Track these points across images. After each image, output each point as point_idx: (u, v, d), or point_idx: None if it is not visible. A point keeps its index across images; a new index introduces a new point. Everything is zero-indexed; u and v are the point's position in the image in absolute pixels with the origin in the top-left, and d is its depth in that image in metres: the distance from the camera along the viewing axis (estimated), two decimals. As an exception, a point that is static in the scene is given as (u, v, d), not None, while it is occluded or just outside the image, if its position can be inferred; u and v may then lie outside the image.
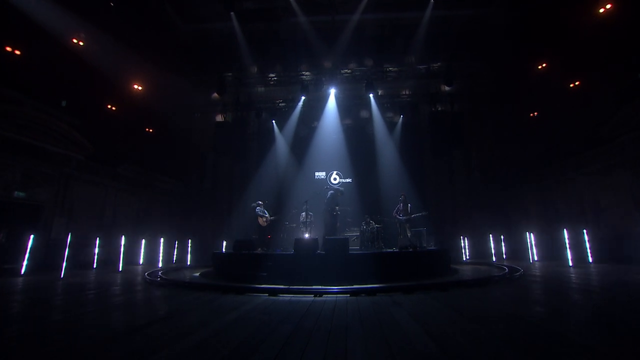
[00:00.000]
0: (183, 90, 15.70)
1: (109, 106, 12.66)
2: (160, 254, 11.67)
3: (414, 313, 3.46)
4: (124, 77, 12.84)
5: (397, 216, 9.72)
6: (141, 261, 12.00)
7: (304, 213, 11.44)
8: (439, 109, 13.53)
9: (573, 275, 6.82)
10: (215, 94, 16.04)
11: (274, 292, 4.97)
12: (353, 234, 11.32)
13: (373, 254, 7.33)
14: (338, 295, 4.77)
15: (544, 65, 11.66)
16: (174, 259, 13.32)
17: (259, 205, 10.29)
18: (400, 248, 8.56)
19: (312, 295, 4.80)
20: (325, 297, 4.73)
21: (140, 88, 13.35)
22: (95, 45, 11.29)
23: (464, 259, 12.56)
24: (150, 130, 14.95)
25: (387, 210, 12.33)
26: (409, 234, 9.70)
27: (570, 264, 8.80)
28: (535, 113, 12.72)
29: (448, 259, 8.47)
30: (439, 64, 14.00)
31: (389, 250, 9.91)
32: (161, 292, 5.41)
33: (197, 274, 8.58)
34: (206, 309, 3.82)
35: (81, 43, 10.40)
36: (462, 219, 14.56)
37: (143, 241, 12.42)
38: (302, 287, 5.81)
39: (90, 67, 11.05)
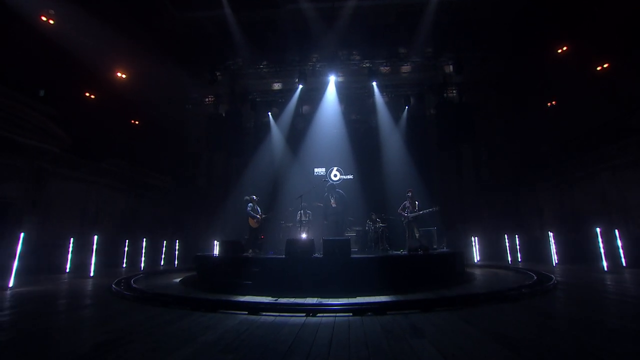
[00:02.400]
0: (174, 81, 14.69)
1: (90, 95, 11.66)
2: (143, 256, 10.66)
3: (444, 348, 2.43)
4: (107, 63, 11.83)
5: (403, 214, 8.68)
6: (124, 264, 11.03)
7: (300, 211, 10.42)
8: (447, 99, 12.48)
9: (619, 284, 5.75)
10: (211, 91, 15.07)
11: (255, 309, 3.95)
12: (352, 234, 10.28)
13: (379, 259, 6.30)
14: (337, 315, 3.74)
15: (564, 48, 10.55)
16: (162, 260, 12.34)
17: (251, 201, 9.29)
18: (409, 250, 7.54)
19: (304, 314, 3.77)
20: (321, 316, 3.70)
21: (124, 76, 12.33)
22: (74, 28, 10.29)
23: (475, 260, 11.51)
24: (137, 123, 13.97)
25: (392, 208, 11.29)
26: (416, 234, 8.65)
27: (605, 268, 7.69)
28: (553, 102, 11.59)
29: (463, 262, 7.44)
30: (447, 51, 12.91)
31: (396, 252, 8.88)
32: (117, 307, 4.40)
33: (178, 280, 7.58)
34: (154, 338, 2.80)
35: (51, 22, 9.37)
36: (471, 217, 13.49)
37: (127, 242, 11.46)
38: (292, 300, 4.80)
39: (68, 51, 10.04)
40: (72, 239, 8.94)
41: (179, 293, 5.44)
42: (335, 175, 14.47)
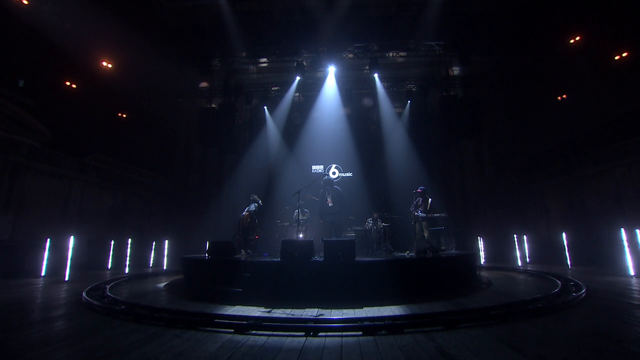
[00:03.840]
0: (164, 72, 13.91)
1: (72, 85, 10.87)
2: (128, 258, 9.91)
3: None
4: (91, 51, 11.03)
5: (416, 212, 8.02)
6: (109, 266, 10.27)
7: (297, 210, 9.72)
8: (451, 93, 11.84)
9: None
10: (204, 83, 14.33)
11: (241, 328, 3.25)
12: (351, 234, 9.60)
13: (388, 263, 5.64)
14: (344, 334, 3.05)
15: (577, 39, 9.94)
16: (150, 262, 11.57)
17: (255, 202, 8.69)
18: (417, 252, 6.86)
19: (303, 333, 3.08)
20: (323, 335, 3.01)
21: (110, 66, 11.54)
22: (52, 11, 9.50)
23: (481, 262, 10.87)
24: (125, 116, 13.19)
25: (396, 206, 10.63)
26: (425, 234, 7.98)
27: (632, 272, 7.08)
28: (564, 96, 10.99)
29: (476, 266, 6.79)
30: (451, 43, 12.25)
31: (401, 254, 8.21)
32: (79, 323, 3.68)
33: (163, 285, 6.85)
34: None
35: (24, 1, 8.57)
36: (475, 216, 12.87)
37: (113, 242, 10.69)
38: (288, 313, 4.11)
39: (46, 36, 9.26)
40: (48, 240, 8.16)
41: (156, 304, 4.71)
42: (333, 173, 13.80)
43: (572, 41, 10.14)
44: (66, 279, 7.17)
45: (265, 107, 13.58)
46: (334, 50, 12.50)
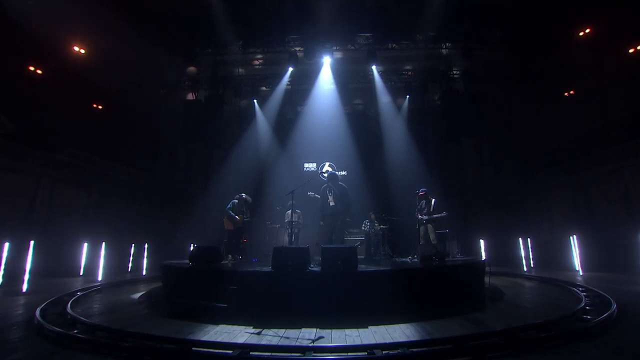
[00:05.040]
0: (146, 61, 12.92)
1: (36, 70, 9.84)
2: (101, 264, 9.03)
3: None
4: (61, 33, 10.00)
5: (419, 216, 7.46)
6: (82, 272, 9.34)
7: (289, 211, 9.02)
8: (452, 88, 11.34)
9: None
10: (191, 68, 13.38)
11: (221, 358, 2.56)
12: (354, 238, 8.99)
13: (396, 272, 5.05)
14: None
15: (587, 31, 9.53)
16: (129, 267, 10.68)
17: (239, 199, 7.94)
18: (422, 258, 6.28)
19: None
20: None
21: (83, 51, 10.54)
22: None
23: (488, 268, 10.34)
24: (102, 108, 12.20)
25: (394, 207, 10.06)
26: (431, 237, 7.42)
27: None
28: (571, 92, 10.60)
29: (484, 273, 6.24)
30: (453, 36, 11.71)
31: (402, 260, 7.63)
32: (19, 357, 2.91)
33: (138, 296, 6.08)
34: None
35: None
36: (474, 217, 12.43)
37: (86, 245, 9.76)
38: (281, 336, 3.44)
39: (5, 16, 8.26)
40: (7, 244, 7.21)
41: (124, 324, 3.96)
42: (327, 172, 13.14)
43: (581, 34, 9.70)
44: (24, 289, 6.28)
45: (255, 101, 12.82)
46: (329, 41, 11.81)
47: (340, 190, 6.59)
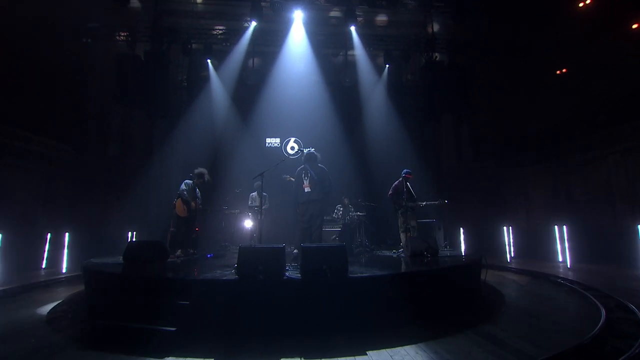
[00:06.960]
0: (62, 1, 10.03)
1: None
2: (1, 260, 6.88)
3: None
4: None
5: (399, 202, 6.50)
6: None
7: (254, 193, 7.60)
8: (435, 59, 10.38)
9: None
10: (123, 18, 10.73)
11: None
12: (329, 229, 7.87)
13: (397, 277, 3.99)
14: None
15: (587, 2, 8.91)
16: (44, 263, 8.48)
17: (194, 179, 6.27)
18: (413, 254, 5.37)
19: None
20: None
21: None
22: None
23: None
24: (4, 63, 9.32)
25: (371, 192, 9.12)
26: (411, 228, 6.56)
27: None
28: (564, 70, 10.10)
29: (480, 271, 5.51)
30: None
31: (387, 253, 6.71)
32: None
33: (48, 310, 4.34)
34: None
35: None
36: (454, 204, 11.93)
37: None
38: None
39: None
40: None
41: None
42: (292, 148, 11.76)
43: (581, 5, 9.07)
44: None
45: (209, 61, 10.71)
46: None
47: (318, 173, 5.27)
